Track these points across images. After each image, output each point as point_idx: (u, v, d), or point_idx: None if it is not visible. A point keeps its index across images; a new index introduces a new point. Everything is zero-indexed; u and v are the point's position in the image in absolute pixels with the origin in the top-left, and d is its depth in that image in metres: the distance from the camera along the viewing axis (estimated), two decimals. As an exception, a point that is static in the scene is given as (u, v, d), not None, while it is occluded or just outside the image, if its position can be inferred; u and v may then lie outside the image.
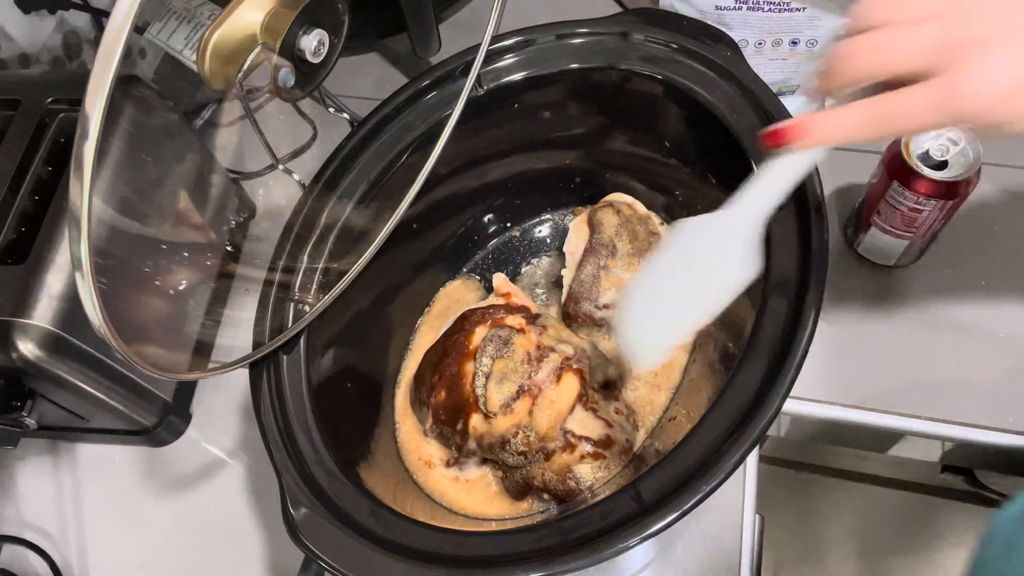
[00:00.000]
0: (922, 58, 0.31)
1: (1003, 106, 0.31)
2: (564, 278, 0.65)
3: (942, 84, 0.31)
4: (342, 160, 0.59)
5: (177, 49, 0.60)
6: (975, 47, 0.30)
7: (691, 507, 0.40)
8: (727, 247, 0.42)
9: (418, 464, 0.61)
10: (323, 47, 0.54)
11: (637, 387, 0.60)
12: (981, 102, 0.31)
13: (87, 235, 0.34)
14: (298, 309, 0.55)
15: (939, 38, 0.31)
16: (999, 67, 0.30)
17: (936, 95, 0.31)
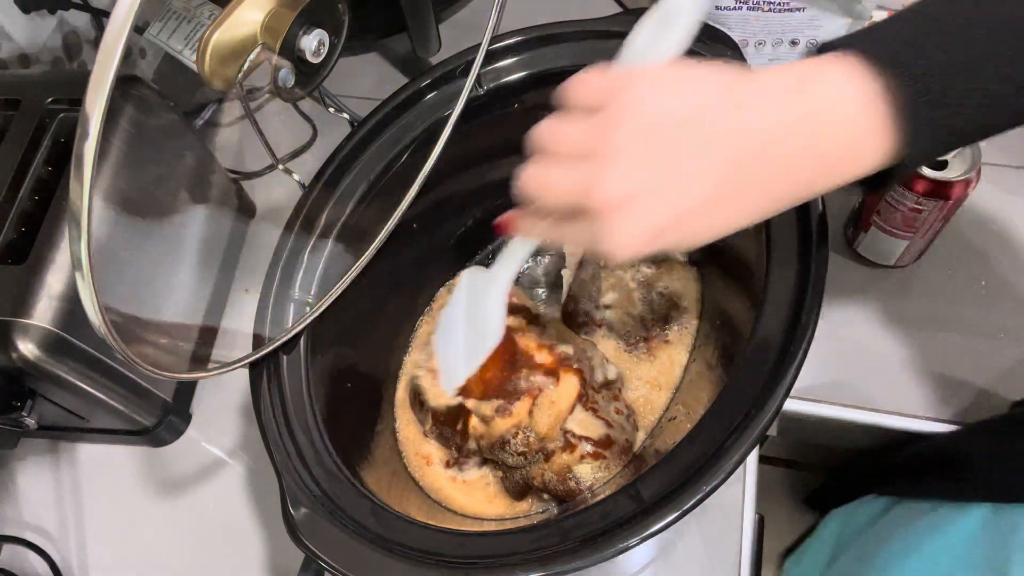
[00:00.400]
0: (570, 199, 0.35)
1: (645, 249, 0.35)
2: (564, 278, 0.65)
3: (593, 230, 0.35)
4: (342, 160, 0.59)
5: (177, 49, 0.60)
6: (615, 205, 0.34)
7: (691, 507, 0.40)
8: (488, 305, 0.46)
9: (418, 464, 0.61)
10: (323, 47, 0.54)
11: (637, 387, 0.60)
12: (624, 253, 0.35)
13: (87, 235, 0.34)
14: (298, 309, 0.55)
15: (582, 183, 0.34)
16: (636, 224, 0.34)
17: (590, 236, 0.35)
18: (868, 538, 0.48)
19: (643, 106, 0.34)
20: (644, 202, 0.34)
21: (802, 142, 0.33)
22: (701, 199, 0.34)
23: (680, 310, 0.62)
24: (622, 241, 0.34)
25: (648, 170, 0.34)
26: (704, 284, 0.63)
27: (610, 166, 0.34)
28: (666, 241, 0.35)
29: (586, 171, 0.34)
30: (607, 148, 0.34)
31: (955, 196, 0.57)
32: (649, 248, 0.35)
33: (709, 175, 0.33)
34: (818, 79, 0.33)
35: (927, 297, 0.65)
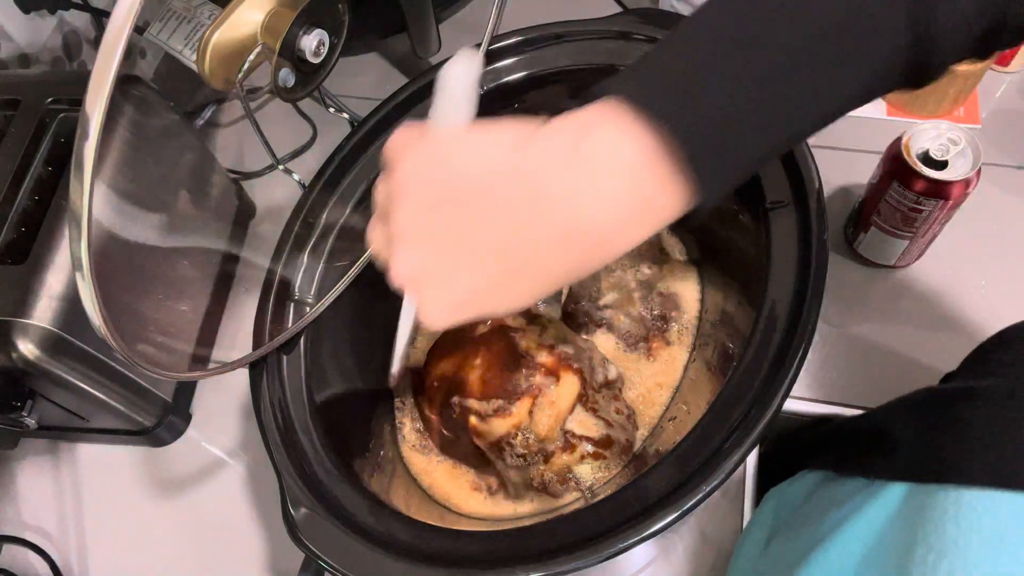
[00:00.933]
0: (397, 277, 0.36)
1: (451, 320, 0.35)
2: None
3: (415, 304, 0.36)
4: (342, 160, 0.59)
5: (177, 49, 0.60)
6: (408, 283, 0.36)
7: (691, 507, 0.40)
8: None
9: (419, 463, 0.61)
10: (323, 47, 0.54)
11: (637, 387, 0.60)
12: (431, 323, 0.36)
13: (87, 235, 0.34)
14: (298, 309, 0.55)
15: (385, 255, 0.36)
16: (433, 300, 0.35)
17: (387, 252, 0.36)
18: (800, 516, 0.48)
19: (421, 179, 0.34)
20: (434, 282, 0.35)
21: (588, 206, 0.32)
22: (490, 277, 0.34)
23: (680, 310, 0.62)
24: (425, 313, 0.36)
25: (430, 252, 0.34)
26: (704, 284, 0.63)
27: (399, 246, 0.35)
28: (471, 312, 0.35)
29: (388, 243, 0.36)
30: (395, 225, 0.35)
31: (955, 196, 0.57)
32: (456, 319, 0.35)
33: (494, 253, 0.33)
34: (593, 138, 0.31)
35: (927, 297, 0.65)
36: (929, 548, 0.36)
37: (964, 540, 0.35)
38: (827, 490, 0.47)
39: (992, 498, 0.35)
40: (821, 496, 0.48)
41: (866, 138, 0.73)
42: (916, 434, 0.41)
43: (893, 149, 0.59)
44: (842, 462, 0.48)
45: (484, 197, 0.33)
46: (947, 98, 0.72)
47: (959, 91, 0.71)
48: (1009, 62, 0.75)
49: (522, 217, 0.32)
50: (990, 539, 0.34)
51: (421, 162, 0.35)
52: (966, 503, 0.35)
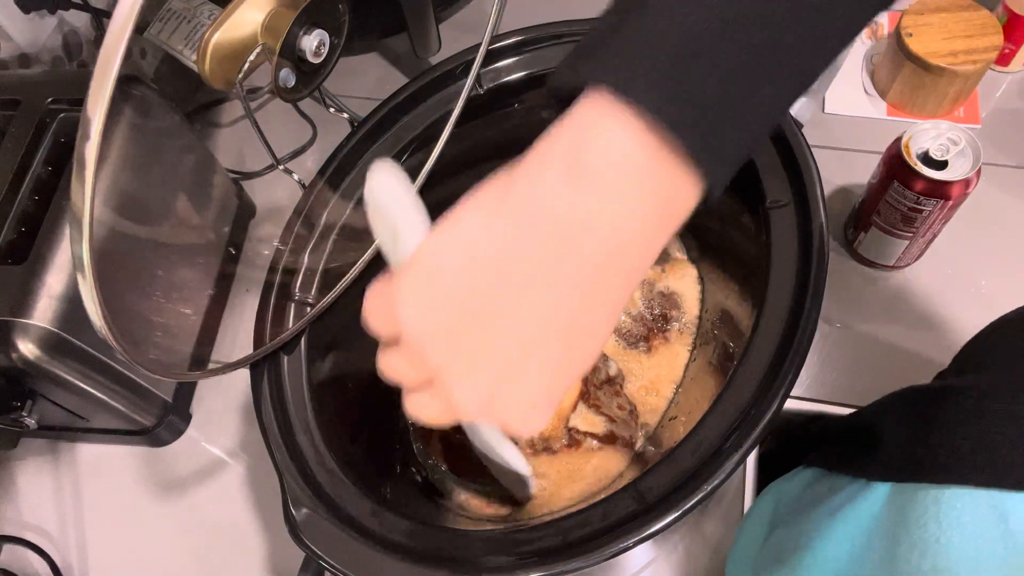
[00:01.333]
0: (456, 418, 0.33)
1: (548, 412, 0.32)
2: None
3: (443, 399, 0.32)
4: (342, 160, 0.59)
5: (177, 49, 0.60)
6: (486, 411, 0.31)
7: (692, 507, 0.40)
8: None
9: (422, 463, 0.61)
10: (323, 47, 0.54)
11: (637, 386, 0.60)
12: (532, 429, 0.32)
13: (88, 236, 0.34)
14: (299, 309, 0.55)
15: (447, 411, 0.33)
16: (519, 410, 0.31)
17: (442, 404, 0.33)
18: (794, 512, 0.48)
19: (426, 315, 0.30)
20: (507, 396, 0.31)
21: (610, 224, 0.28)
22: (554, 351, 0.30)
23: (680, 309, 0.63)
24: (519, 427, 0.32)
25: (487, 366, 0.30)
26: (704, 284, 0.63)
27: (452, 387, 0.31)
28: (559, 394, 0.32)
29: (441, 399, 0.32)
30: (437, 371, 0.31)
31: (955, 196, 0.57)
32: (552, 404, 0.32)
33: (543, 328, 0.30)
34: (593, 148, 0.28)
35: (927, 297, 0.65)
36: (912, 546, 0.36)
37: (946, 537, 0.35)
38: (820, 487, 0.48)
39: (971, 496, 0.35)
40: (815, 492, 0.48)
41: (866, 138, 0.73)
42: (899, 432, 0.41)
43: (893, 149, 0.59)
44: (833, 460, 0.48)
45: (496, 285, 0.29)
46: (947, 98, 0.72)
47: (959, 91, 0.71)
48: (1009, 62, 0.75)
49: (549, 274, 0.29)
50: (971, 536, 0.34)
51: (413, 301, 0.31)
52: (946, 502, 0.36)
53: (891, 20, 0.80)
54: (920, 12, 0.70)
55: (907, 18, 0.70)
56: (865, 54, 0.79)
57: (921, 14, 0.70)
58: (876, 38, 0.80)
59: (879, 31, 0.80)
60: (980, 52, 0.68)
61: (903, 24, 0.70)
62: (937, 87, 0.71)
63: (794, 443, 0.58)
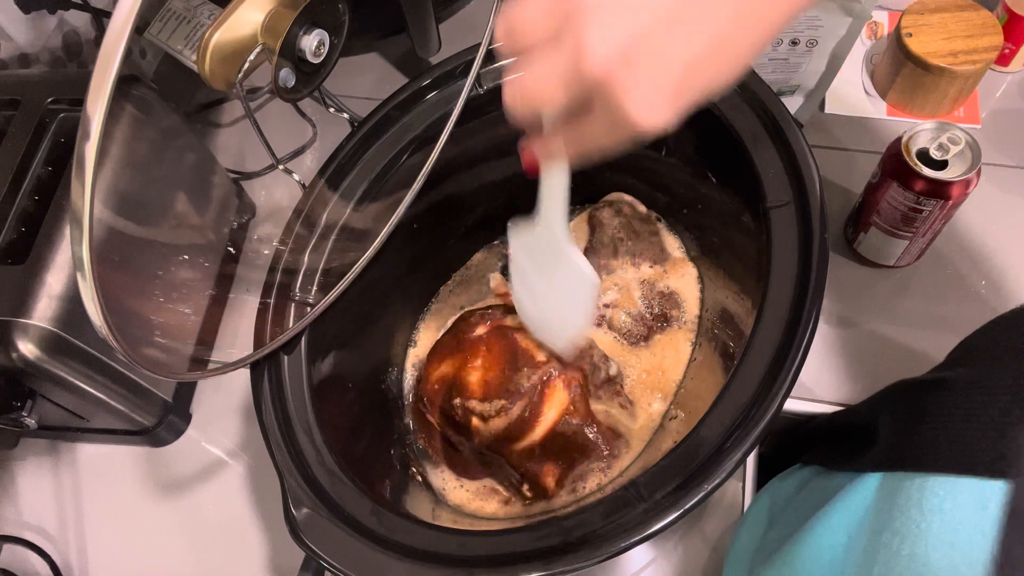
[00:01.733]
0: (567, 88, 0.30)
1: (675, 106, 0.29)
2: None
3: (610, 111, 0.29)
4: (342, 160, 0.59)
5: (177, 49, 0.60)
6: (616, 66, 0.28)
7: (692, 507, 0.40)
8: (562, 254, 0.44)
9: (423, 464, 0.61)
10: (323, 47, 0.54)
11: (637, 386, 0.60)
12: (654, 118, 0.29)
13: (88, 236, 0.34)
14: (299, 309, 0.55)
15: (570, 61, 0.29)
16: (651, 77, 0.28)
17: (611, 120, 0.30)
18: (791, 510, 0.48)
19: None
20: (647, 49, 0.28)
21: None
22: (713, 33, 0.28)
23: (680, 309, 0.63)
24: (641, 108, 0.28)
25: (636, 11, 0.28)
26: (705, 283, 0.63)
27: (590, 26, 0.28)
28: (694, 91, 0.29)
29: (567, 45, 0.28)
30: (579, 7, 0.28)
31: (955, 196, 0.57)
32: (680, 103, 0.29)
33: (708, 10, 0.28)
34: None
35: (927, 297, 0.65)
36: (894, 533, 0.37)
37: (926, 524, 0.35)
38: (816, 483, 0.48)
39: (954, 483, 0.36)
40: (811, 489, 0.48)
41: (866, 138, 0.73)
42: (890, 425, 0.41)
43: (893, 149, 0.59)
44: (829, 457, 0.48)
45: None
46: (947, 98, 0.72)
47: (959, 91, 0.71)
48: (1009, 62, 0.75)
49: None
50: (950, 522, 0.35)
51: None
52: (929, 489, 0.36)
53: (891, 20, 0.80)
54: (920, 12, 0.70)
55: (907, 18, 0.70)
56: (865, 54, 0.79)
57: (921, 14, 0.70)
58: (876, 38, 0.80)
59: (879, 31, 0.80)
60: (980, 52, 0.68)
61: (903, 24, 0.70)
62: (937, 87, 0.71)
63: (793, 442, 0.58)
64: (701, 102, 0.30)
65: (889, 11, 0.81)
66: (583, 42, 0.28)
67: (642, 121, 0.29)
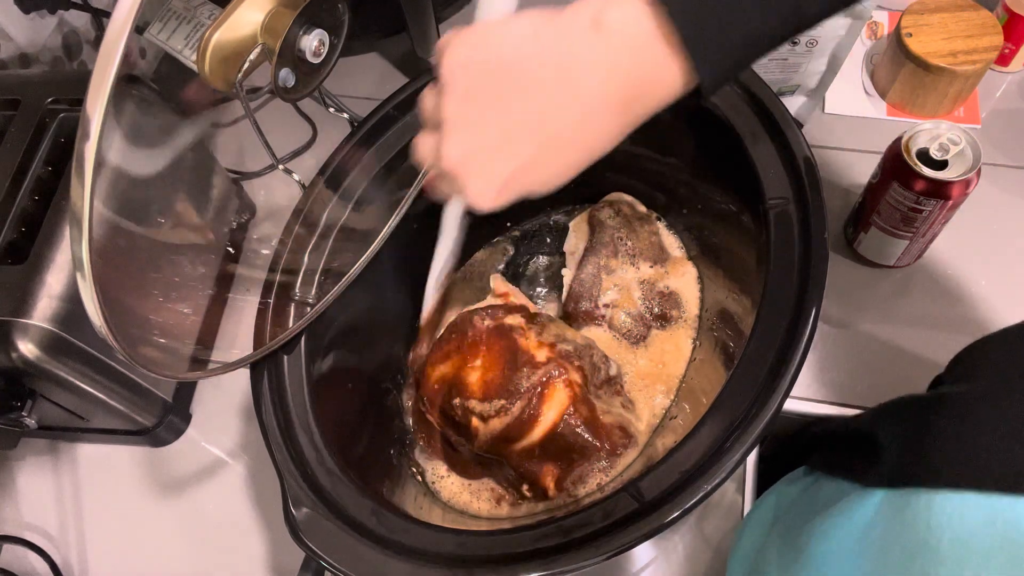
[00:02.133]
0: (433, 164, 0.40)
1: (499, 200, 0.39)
2: (564, 277, 0.65)
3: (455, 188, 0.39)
4: (342, 160, 0.59)
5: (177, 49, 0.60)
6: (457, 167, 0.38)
7: (692, 506, 0.40)
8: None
9: (421, 462, 0.61)
10: (323, 47, 0.54)
11: (638, 385, 0.60)
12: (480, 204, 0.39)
13: (88, 236, 0.34)
14: (299, 309, 0.55)
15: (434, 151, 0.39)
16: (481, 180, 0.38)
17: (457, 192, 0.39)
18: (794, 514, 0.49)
19: (461, 66, 0.37)
20: (479, 163, 0.38)
21: (598, 76, 0.35)
22: (529, 152, 0.37)
23: (680, 309, 0.62)
24: (474, 195, 0.38)
25: (474, 134, 0.37)
26: (704, 283, 0.63)
27: (447, 134, 0.38)
28: (515, 190, 0.38)
29: (437, 139, 0.39)
30: (445, 117, 0.38)
31: (955, 196, 0.57)
32: (502, 198, 0.38)
33: (529, 128, 0.36)
34: (609, 13, 0.35)
35: (927, 297, 0.65)
36: (903, 549, 0.37)
37: (935, 541, 0.35)
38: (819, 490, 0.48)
39: (962, 499, 0.35)
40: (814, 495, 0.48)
41: (866, 138, 0.73)
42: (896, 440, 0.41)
43: (893, 149, 0.59)
44: (831, 464, 0.48)
45: (516, 74, 0.36)
46: (947, 98, 0.72)
47: (959, 91, 0.71)
48: (1009, 62, 0.75)
49: (549, 90, 0.36)
50: (958, 539, 0.35)
51: (461, 51, 0.38)
52: (937, 505, 0.36)
53: (891, 20, 0.80)
54: (920, 12, 0.70)
55: (907, 18, 0.70)
56: (865, 54, 0.79)
57: (921, 14, 0.70)
58: (876, 38, 0.80)
59: (879, 31, 0.80)
60: (980, 52, 0.68)
61: (903, 24, 0.70)
62: (937, 87, 0.71)
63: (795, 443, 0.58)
64: (525, 196, 0.39)
65: (889, 11, 0.81)
66: (440, 144, 0.38)
67: (475, 204, 0.39)
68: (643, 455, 0.55)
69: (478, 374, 0.55)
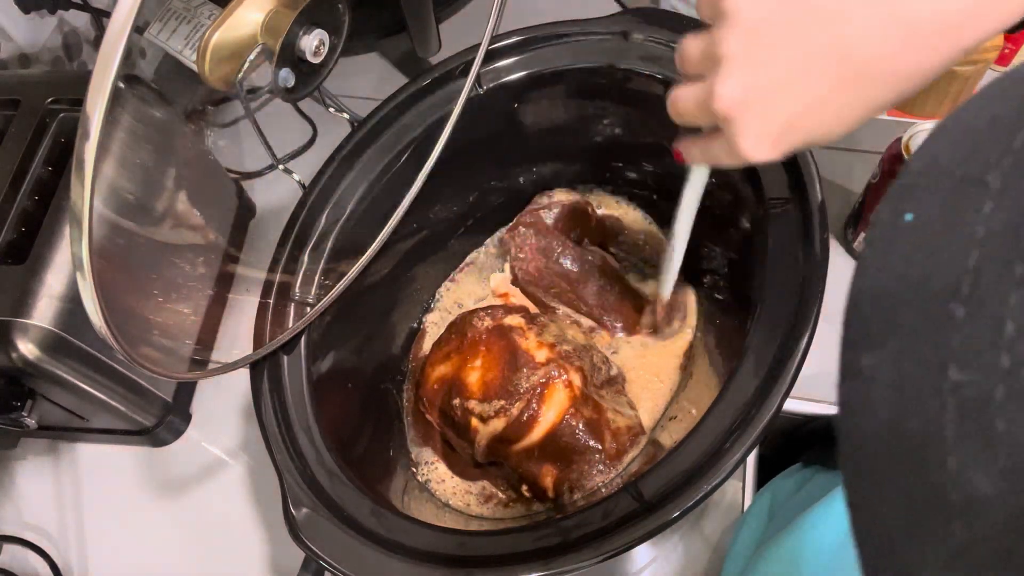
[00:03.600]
0: (697, 114, 0.37)
1: (776, 149, 0.35)
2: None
3: (727, 139, 0.36)
4: (342, 160, 0.59)
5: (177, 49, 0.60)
6: (733, 110, 0.35)
7: (692, 507, 0.40)
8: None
9: (420, 463, 0.61)
10: (323, 47, 0.54)
11: (638, 385, 0.60)
12: (754, 154, 0.36)
13: (88, 235, 0.34)
14: (299, 309, 0.55)
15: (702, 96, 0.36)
16: (758, 124, 0.35)
17: (726, 147, 0.37)
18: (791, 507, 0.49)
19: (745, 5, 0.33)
20: (758, 104, 0.34)
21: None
22: (819, 91, 0.33)
23: (681, 309, 0.62)
24: (749, 143, 0.35)
25: (758, 68, 0.33)
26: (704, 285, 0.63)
27: (722, 74, 0.34)
28: (795, 139, 0.35)
29: (706, 84, 0.35)
30: (724, 52, 0.34)
31: (955, 196, 0.57)
32: (780, 147, 0.35)
33: (826, 58, 0.32)
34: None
35: (927, 297, 0.65)
36: None
37: None
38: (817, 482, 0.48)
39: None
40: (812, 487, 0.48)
41: (866, 138, 0.73)
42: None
43: (893, 149, 0.59)
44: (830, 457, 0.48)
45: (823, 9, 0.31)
46: (947, 98, 0.72)
47: (959, 91, 0.71)
48: (1009, 62, 0.75)
49: (862, 9, 0.31)
50: None
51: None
52: None
53: (891, 20, 0.80)
54: (920, 12, 0.70)
55: (907, 18, 0.70)
56: (865, 54, 0.79)
57: (921, 14, 0.70)
58: (876, 38, 0.80)
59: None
60: (980, 52, 0.68)
61: (903, 24, 0.70)
62: (937, 87, 0.71)
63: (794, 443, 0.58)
64: (803, 147, 0.36)
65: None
66: (715, 84, 0.35)
67: (748, 155, 0.36)
68: (643, 455, 0.55)
69: (478, 374, 0.55)
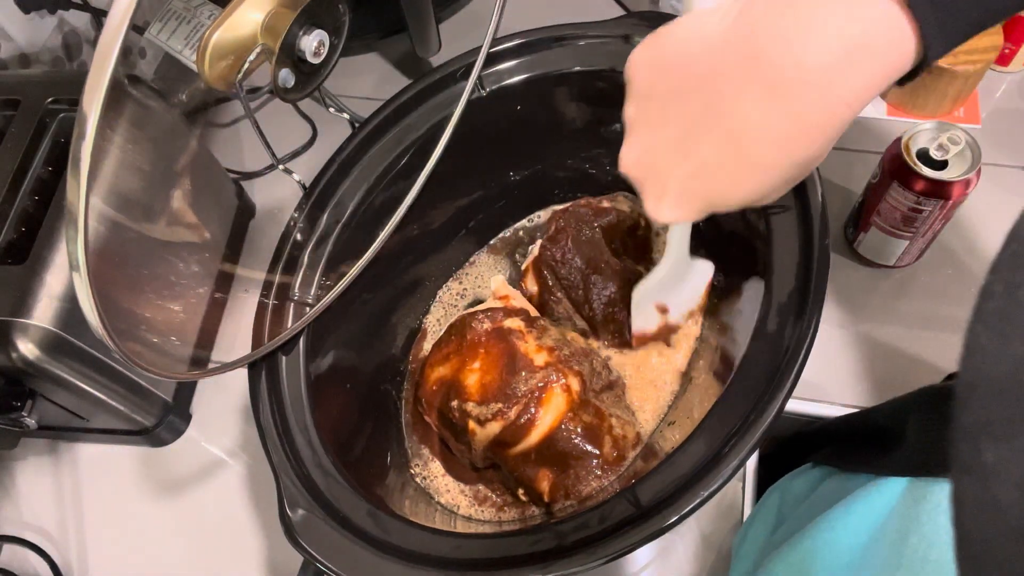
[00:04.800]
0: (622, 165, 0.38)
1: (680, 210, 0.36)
2: None
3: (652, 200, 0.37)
4: (343, 161, 0.59)
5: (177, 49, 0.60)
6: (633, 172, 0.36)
7: (689, 511, 0.40)
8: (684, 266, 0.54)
9: (419, 464, 0.61)
10: (323, 47, 0.54)
11: (638, 389, 0.60)
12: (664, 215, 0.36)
13: (84, 235, 0.34)
14: (298, 309, 0.55)
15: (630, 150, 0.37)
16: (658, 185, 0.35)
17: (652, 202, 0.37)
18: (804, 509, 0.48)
19: (643, 67, 0.35)
20: (655, 165, 0.35)
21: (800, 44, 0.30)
22: (711, 158, 0.33)
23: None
24: (651, 205, 0.36)
25: (653, 130, 0.34)
26: (704, 285, 0.63)
27: (626, 137, 0.36)
28: (695, 203, 0.35)
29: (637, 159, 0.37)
30: (625, 122, 0.36)
31: (955, 196, 0.57)
32: (683, 209, 0.35)
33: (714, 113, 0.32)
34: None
35: (927, 297, 0.65)
36: (922, 538, 0.36)
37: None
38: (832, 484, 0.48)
39: None
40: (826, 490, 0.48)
41: (866, 138, 0.73)
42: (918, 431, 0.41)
43: (893, 149, 0.59)
44: (846, 458, 0.48)
45: (695, 69, 0.32)
46: (947, 98, 0.72)
47: (959, 91, 0.71)
48: (1009, 62, 0.74)
49: (734, 80, 0.31)
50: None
51: (643, 51, 0.35)
52: None
53: (892, 20, 0.80)
54: (921, 12, 0.70)
55: (908, 18, 0.70)
56: (866, 54, 0.79)
57: (922, 14, 0.70)
58: (877, 38, 0.80)
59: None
60: (980, 52, 0.68)
61: (904, 24, 0.70)
62: (937, 87, 0.71)
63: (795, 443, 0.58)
64: (713, 211, 0.35)
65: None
66: (621, 147, 0.37)
67: (653, 215, 0.36)
68: (640, 459, 0.55)
69: (476, 377, 0.55)
